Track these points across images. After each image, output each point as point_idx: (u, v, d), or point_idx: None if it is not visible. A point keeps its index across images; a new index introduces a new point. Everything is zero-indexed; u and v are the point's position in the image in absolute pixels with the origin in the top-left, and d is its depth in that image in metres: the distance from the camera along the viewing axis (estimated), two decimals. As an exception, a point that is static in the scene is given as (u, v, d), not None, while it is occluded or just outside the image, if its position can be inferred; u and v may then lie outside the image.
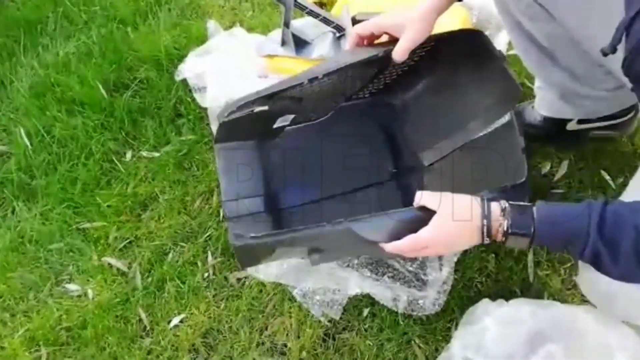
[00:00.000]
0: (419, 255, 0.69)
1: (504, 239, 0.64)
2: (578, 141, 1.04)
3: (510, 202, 0.65)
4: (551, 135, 1.05)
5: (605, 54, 0.58)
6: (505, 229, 0.63)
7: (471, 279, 0.93)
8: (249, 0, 1.46)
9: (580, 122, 1.01)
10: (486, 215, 0.63)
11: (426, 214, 0.66)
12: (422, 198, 0.67)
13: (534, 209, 0.63)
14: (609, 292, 0.70)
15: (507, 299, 0.90)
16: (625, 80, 0.60)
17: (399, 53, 0.76)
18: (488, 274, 0.93)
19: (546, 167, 1.04)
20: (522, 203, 0.65)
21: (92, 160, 1.17)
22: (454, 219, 0.65)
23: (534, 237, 0.63)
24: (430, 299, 0.86)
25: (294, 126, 0.94)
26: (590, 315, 0.79)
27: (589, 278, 0.72)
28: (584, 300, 0.90)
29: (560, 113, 1.01)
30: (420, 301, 0.87)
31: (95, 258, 1.05)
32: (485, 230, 0.64)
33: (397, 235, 0.67)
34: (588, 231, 0.59)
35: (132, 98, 1.26)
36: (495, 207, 0.64)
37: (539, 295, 0.91)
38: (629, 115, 1.00)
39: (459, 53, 0.83)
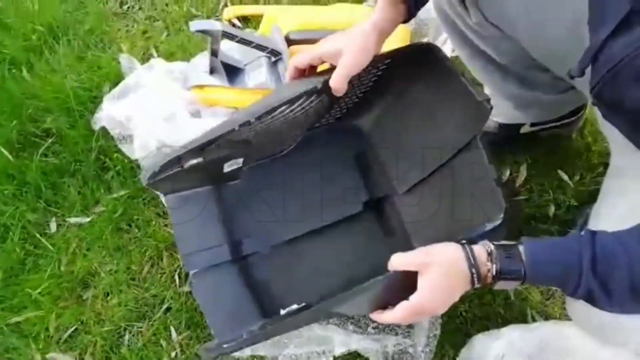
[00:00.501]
0: (416, 320, 0.64)
1: (492, 282, 0.61)
2: (532, 143, 1.04)
3: (495, 243, 0.61)
4: (506, 140, 1.03)
5: (572, 77, 0.56)
6: (494, 273, 0.60)
7: (455, 307, 0.90)
8: (161, 18, 1.30)
9: (533, 124, 1.01)
10: (473, 264, 0.60)
11: (406, 273, 0.61)
12: (397, 263, 0.62)
13: (521, 249, 0.60)
14: (602, 322, 0.69)
15: (492, 322, 0.90)
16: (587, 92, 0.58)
17: (336, 81, 0.69)
18: (471, 298, 0.91)
19: (506, 174, 1.03)
20: (506, 243, 0.62)
21: (10, 240, 1.00)
22: (440, 275, 0.60)
23: (525, 280, 0.60)
24: (421, 346, 0.83)
25: (252, 164, 0.87)
26: (574, 330, 0.80)
27: (583, 310, 0.71)
28: (563, 307, 0.91)
29: (514, 119, 1.00)
30: (410, 349, 0.83)
31: (38, 357, 0.91)
32: (475, 278, 0.60)
33: (383, 302, 0.64)
34: (580, 271, 0.57)
35: (45, 157, 1.09)
36: (480, 251, 0.61)
37: (521, 311, 0.91)
38: (579, 114, 1.01)
39: (415, 71, 0.78)
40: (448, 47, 1.13)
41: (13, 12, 1.29)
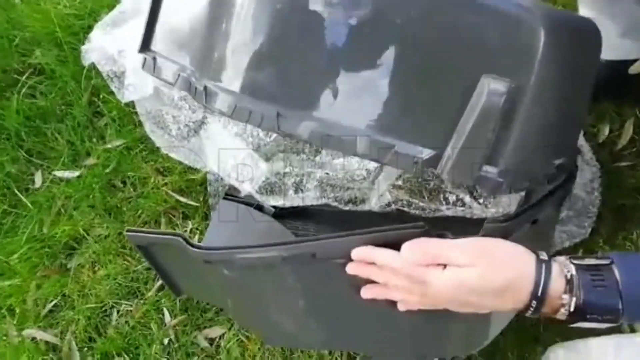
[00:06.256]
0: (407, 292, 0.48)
1: (569, 319, 0.45)
2: (644, 88, 0.82)
3: (576, 262, 0.44)
4: (608, 85, 0.81)
5: None
6: (572, 309, 0.43)
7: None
8: None
9: (646, 61, 0.79)
10: (539, 295, 0.44)
11: None
12: (433, 246, 0.46)
13: (616, 272, 0.43)
14: None
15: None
16: None
17: None
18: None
19: (604, 132, 0.82)
20: (596, 262, 0.45)
21: (-14, 195, 0.91)
22: (489, 284, 0.44)
23: (620, 319, 0.44)
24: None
25: None
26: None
27: None
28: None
29: (622, 53, 0.79)
30: None
31: (14, 333, 0.83)
32: (531, 310, 0.45)
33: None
34: None
35: (31, 98, 0.98)
36: (557, 277, 0.44)
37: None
38: None
39: None
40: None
41: None
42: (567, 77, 0.50)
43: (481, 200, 0.66)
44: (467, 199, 0.67)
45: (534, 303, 0.44)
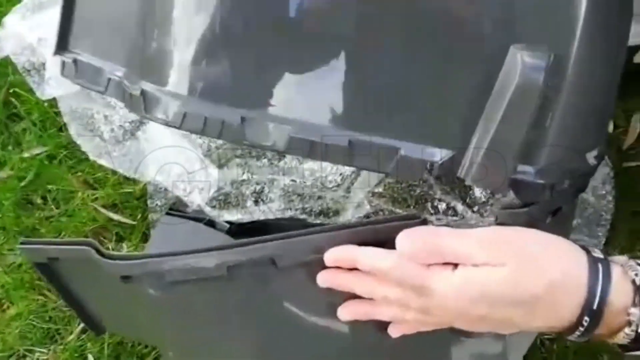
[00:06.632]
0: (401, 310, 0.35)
1: (632, 344, 0.33)
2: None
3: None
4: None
5: None
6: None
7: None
8: None
9: (655, 48, 0.71)
10: (593, 308, 0.31)
11: None
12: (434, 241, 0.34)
13: None
14: None
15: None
16: None
17: None
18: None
19: (609, 128, 0.72)
20: None
21: None
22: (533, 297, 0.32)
23: None
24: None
25: None
26: None
27: None
28: None
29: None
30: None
31: None
32: (579, 331, 0.32)
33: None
34: None
35: None
36: (620, 283, 0.32)
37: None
38: None
39: None
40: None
41: None
42: (611, 43, 0.39)
43: (475, 208, 0.56)
44: (460, 206, 0.56)
45: (585, 320, 0.32)
